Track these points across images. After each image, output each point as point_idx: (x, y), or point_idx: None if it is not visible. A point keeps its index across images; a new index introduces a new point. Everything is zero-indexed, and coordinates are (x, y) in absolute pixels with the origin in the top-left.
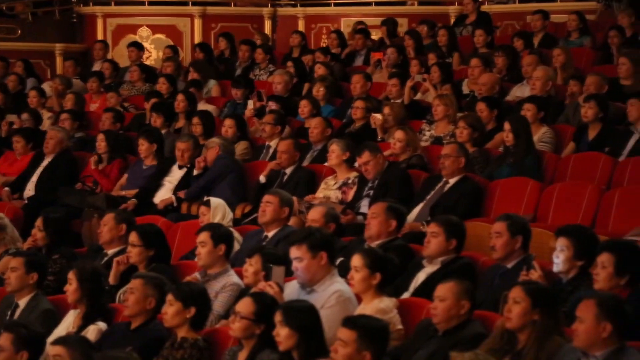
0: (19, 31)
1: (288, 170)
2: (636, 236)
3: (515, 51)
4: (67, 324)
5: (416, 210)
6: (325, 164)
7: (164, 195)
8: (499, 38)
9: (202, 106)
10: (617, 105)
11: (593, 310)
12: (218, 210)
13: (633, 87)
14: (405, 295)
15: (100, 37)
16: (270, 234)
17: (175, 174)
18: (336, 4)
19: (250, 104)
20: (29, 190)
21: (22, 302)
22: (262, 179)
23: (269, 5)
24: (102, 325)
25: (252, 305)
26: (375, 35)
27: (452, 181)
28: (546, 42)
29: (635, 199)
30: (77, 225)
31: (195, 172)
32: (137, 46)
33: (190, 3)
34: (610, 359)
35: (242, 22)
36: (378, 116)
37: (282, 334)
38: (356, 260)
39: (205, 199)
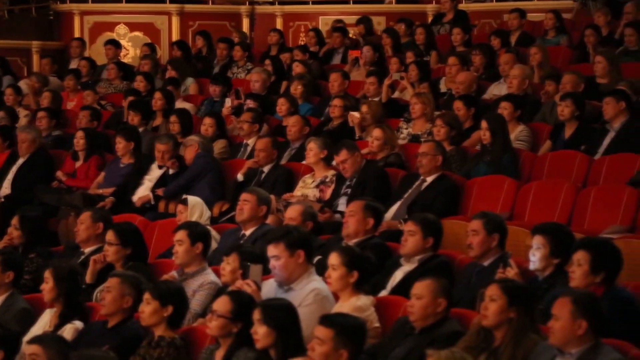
0: None
1: (266, 169)
2: (612, 234)
3: (493, 50)
4: (43, 323)
5: (394, 209)
6: (303, 162)
7: (143, 193)
8: (476, 36)
9: (179, 104)
10: (593, 104)
11: (569, 308)
12: (195, 208)
13: (609, 85)
14: (383, 293)
15: (77, 34)
16: (248, 232)
17: (155, 173)
18: (314, 2)
19: (228, 102)
20: (5, 188)
21: None
22: (239, 177)
23: (247, 3)
24: (78, 324)
25: (229, 303)
26: (353, 34)
27: (429, 179)
28: (523, 40)
29: (611, 197)
30: (53, 223)
31: (170, 172)
32: (115, 44)
33: (168, 1)
34: (585, 356)
35: (220, 20)
36: (356, 114)
37: (260, 332)
38: (333, 259)
39: (183, 197)
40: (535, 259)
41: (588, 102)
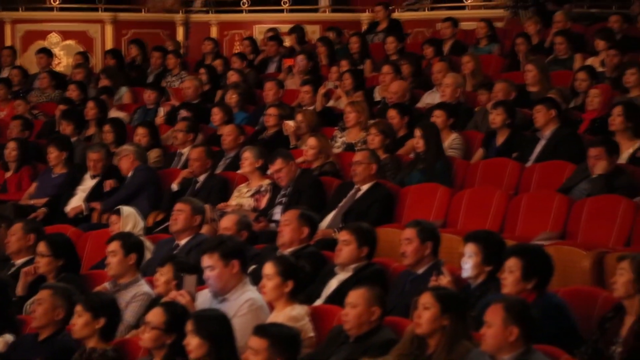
0: None
1: (201, 178)
2: (543, 240)
3: (420, 58)
4: None
5: (329, 217)
6: (238, 171)
7: (75, 204)
8: (409, 45)
9: (113, 113)
10: (524, 112)
11: (500, 315)
12: (129, 219)
13: (539, 93)
14: (318, 302)
15: (8, 43)
16: (182, 242)
17: (88, 183)
18: (249, 11)
19: (161, 111)
20: None
21: None
22: (174, 186)
23: (182, 11)
24: (9, 337)
25: (162, 315)
26: (288, 42)
27: (364, 188)
28: (456, 49)
29: (542, 203)
30: None
31: (106, 189)
32: (47, 53)
33: (101, 9)
34: None
35: (154, 29)
36: (290, 123)
37: (193, 343)
38: (268, 268)
39: (116, 207)
40: (467, 266)
41: (519, 110)
